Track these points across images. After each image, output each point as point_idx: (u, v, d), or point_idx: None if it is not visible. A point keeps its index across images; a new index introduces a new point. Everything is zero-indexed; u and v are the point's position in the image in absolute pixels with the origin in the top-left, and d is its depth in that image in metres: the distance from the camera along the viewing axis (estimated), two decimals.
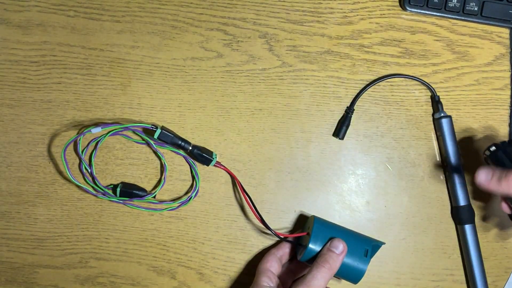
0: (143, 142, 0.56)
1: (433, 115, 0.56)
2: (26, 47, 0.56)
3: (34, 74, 0.57)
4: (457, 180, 0.55)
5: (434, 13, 0.56)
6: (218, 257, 0.57)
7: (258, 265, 0.52)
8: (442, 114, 0.55)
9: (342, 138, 0.56)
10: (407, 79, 0.56)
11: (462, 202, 0.55)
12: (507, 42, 0.57)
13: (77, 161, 0.56)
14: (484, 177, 0.46)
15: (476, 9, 0.55)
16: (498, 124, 0.57)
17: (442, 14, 0.56)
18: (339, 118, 0.56)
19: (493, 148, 0.49)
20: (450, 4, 0.55)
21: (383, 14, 0.57)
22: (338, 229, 0.52)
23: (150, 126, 0.53)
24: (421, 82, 0.56)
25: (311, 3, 0.57)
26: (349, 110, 0.56)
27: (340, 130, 0.56)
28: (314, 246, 0.50)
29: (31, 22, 0.56)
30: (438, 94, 0.56)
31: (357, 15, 0.57)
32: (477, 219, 0.56)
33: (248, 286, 0.52)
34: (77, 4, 0.56)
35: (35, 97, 0.57)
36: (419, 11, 0.56)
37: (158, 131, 0.53)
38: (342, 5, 0.57)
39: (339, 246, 0.49)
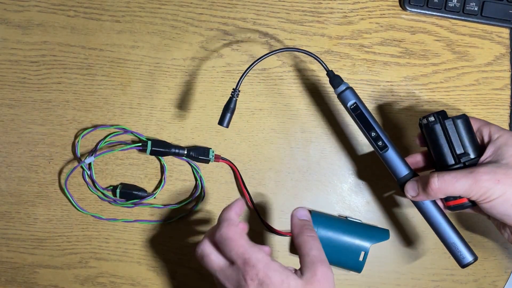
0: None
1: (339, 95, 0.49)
2: (26, 47, 0.56)
3: (34, 74, 0.57)
4: (392, 152, 0.48)
5: (434, 13, 0.56)
6: None
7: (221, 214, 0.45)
8: (344, 87, 0.48)
9: (227, 126, 0.49)
10: (407, 79, 0.56)
11: (404, 172, 0.48)
12: (507, 42, 0.57)
13: (77, 162, 0.56)
14: (412, 192, 0.47)
15: (476, 9, 0.55)
16: (498, 124, 0.56)
17: (442, 14, 0.56)
18: (225, 103, 0.49)
19: (432, 118, 0.46)
20: (450, 4, 0.55)
21: (383, 14, 0.57)
22: (337, 221, 0.54)
23: (140, 145, 0.54)
24: (314, 58, 0.49)
25: (311, 3, 0.57)
26: (234, 93, 0.49)
27: (224, 116, 0.49)
28: None
29: (31, 22, 0.56)
30: (331, 69, 0.49)
31: (357, 15, 0.57)
32: (477, 221, 0.56)
33: None
34: (77, 4, 0.56)
35: (35, 97, 0.57)
36: (419, 11, 0.56)
37: (149, 149, 0.53)
38: (342, 5, 0.57)
39: (300, 212, 0.45)
